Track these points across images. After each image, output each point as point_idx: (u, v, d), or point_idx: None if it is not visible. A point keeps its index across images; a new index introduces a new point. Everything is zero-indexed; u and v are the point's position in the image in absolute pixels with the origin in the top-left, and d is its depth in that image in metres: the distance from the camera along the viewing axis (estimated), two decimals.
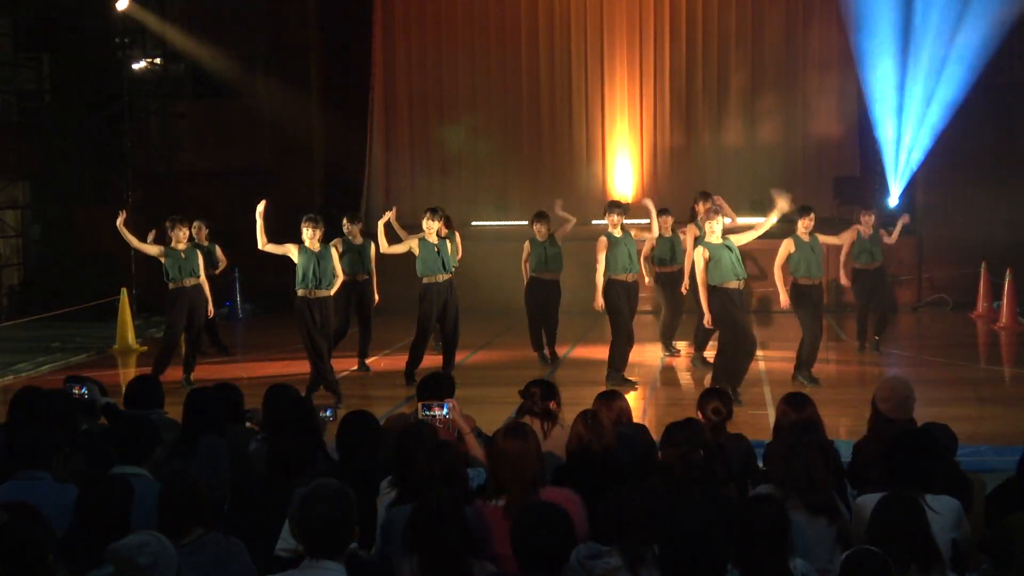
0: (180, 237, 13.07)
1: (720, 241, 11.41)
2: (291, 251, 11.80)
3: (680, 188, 20.46)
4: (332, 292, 11.92)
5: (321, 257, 11.76)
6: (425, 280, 12.80)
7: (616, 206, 12.90)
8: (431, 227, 12.80)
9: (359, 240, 13.69)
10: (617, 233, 12.55)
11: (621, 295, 12.49)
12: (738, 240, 11.54)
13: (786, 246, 12.40)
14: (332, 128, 20.83)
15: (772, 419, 7.13)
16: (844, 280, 14.39)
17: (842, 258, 14.44)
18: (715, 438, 6.15)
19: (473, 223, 20.78)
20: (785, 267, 12.38)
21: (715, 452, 5.78)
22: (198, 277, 13.16)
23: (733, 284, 11.33)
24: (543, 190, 21.42)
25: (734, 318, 11.35)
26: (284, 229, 14.13)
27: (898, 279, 18.57)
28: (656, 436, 5.84)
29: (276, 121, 20.40)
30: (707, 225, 11.59)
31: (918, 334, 17.05)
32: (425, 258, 12.77)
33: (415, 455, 5.31)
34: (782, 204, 11.34)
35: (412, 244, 12.84)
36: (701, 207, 13.61)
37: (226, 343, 15.57)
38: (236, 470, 6.35)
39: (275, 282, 15.50)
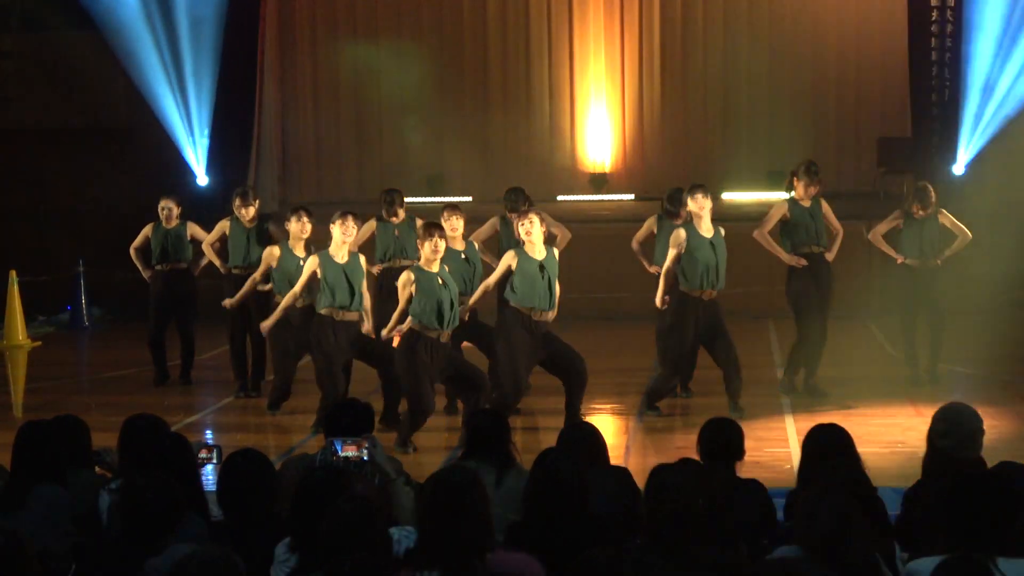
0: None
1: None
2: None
3: (675, 153, 20.57)
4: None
5: None
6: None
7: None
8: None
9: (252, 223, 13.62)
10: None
11: None
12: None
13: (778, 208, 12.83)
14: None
15: (797, 459, 7.18)
16: None
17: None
18: (720, 485, 6.18)
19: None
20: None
21: (720, 503, 5.81)
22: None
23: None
24: (491, 158, 21.28)
25: None
26: (148, 203, 14.11)
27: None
28: (641, 481, 5.87)
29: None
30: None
31: (989, 344, 17.12)
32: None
33: (321, 510, 5.32)
34: None
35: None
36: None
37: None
38: (81, 530, 6.32)
39: (131, 279, 15.29)
